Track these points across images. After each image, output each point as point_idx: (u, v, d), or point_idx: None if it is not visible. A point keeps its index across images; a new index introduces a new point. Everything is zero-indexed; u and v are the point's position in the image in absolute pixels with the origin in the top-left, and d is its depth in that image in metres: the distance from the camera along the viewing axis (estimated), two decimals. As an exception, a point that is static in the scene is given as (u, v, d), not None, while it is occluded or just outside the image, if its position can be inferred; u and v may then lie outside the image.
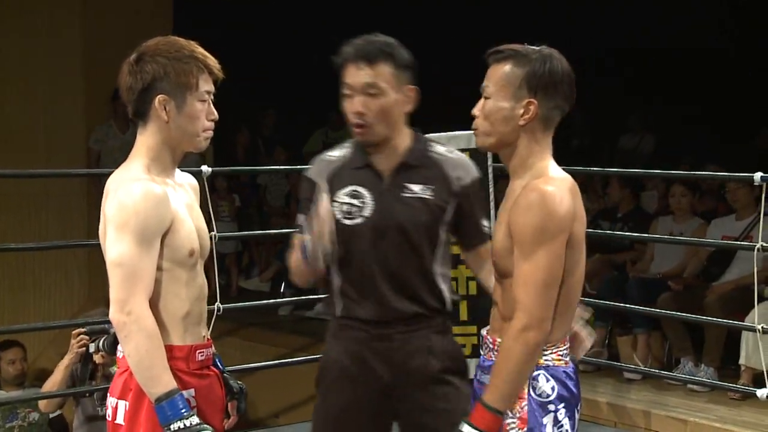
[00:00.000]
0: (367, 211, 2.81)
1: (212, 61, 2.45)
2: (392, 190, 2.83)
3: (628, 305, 5.37)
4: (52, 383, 4.80)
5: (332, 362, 2.91)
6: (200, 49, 2.45)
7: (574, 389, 2.40)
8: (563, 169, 2.44)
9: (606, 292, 5.76)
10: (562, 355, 2.40)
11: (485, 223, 2.92)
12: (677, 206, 6.04)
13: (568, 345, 2.43)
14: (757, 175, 4.16)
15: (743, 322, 4.73)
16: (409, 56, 2.82)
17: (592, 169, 6.34)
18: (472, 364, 4.41)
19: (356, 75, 2.75)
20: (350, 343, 2.87)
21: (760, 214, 5.48)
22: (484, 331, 2.53)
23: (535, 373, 2.36)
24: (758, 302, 4.19)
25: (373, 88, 2.74)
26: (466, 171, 2.88)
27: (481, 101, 2.43)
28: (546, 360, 2.37)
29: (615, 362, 5.56)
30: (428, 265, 2.86)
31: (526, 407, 2.35)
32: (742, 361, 4.97)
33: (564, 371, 2.39)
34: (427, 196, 2.83)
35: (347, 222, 2.82)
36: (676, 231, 5.95)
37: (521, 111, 2.36)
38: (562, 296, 2.35)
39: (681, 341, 5.44)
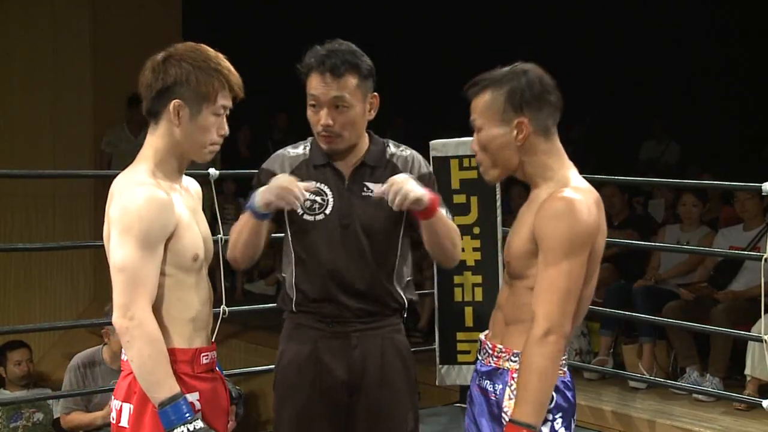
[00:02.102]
0: (329, 208, 2.84)
1: (235, 78, 2.46)
2: (352, 189, 2.87)
3: (634, 314, 5.36)
4: None
5: (288, 363, 2.92)
6: (226, 64, 2.45)
7: (572, 399, 2.40)
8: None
9: (612, 300, 5.74)
10: (561, 366, 2.39)
11: (441, 210, 2.85)
12: (687, 215, 6.03)
13: (566, 355, 2.43)
14: (766, 185, 4.15)
15: (749, 332, 4.72)
16: (371, 64, 2.84)
17: (595, 177, 6.34)
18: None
19: (323, 88, 2.77)
20: (306, 343, 2.89)
21: (767, 224, 5.48)
22: (482, 336, 2.53)
23: None
24: (765, 312, 4.16)
25: (341, 101, 2.78)
26: (417, 167, 2.92)
27: (475, 136, 2.44)
28: None
29: (620, 371, 5.54)
30: (387, 264, 2.88)
31: None
32: (747, 371, 4.95)
33: (563, 381, 2.39)
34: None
35: (308, 217, 2.86)
36: (683, 239, 5.94)
37: (515, 132, 2.36)
38: (576, 306, 2.34)
39: (687, 350, 5.43)
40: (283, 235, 2.94)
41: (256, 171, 2.97)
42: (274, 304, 2.98)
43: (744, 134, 9.91)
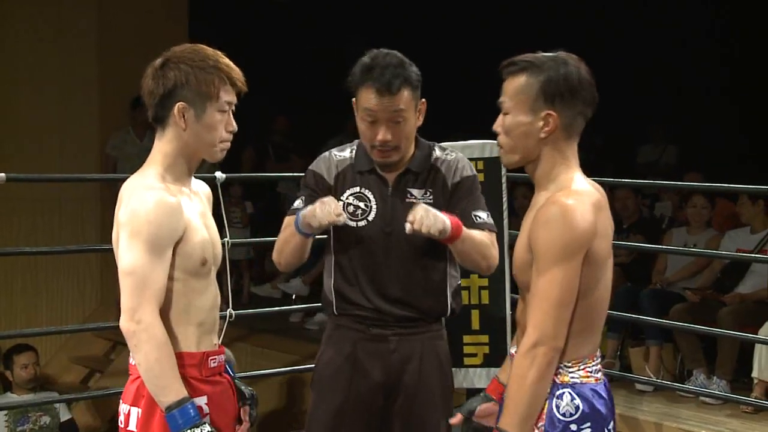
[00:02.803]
0: (372, 215, 2.85)
1: (236, 74, 2.45)
2: (396, 195, 2.89)
3: (640, 317, 5.35)
4: None
5: (327, 363, 2.96)
6: (225, 60, 2.45)
7: (602, 408, 2.31)
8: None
9: (619, 303, 5.73)
10: (590, 372, 2.33)
11: (479, 214, 2.91)
12: (696, 218, 6.01)
13: (598, 361, 2.37)
14: (774, 188, 4.15)
15: (756, 335, 4.71)
16: (418, 72, 2.86)
17: (604, 180, 6.33)
18: (483, 373, 4.42)
19: (381, 104, 2.78)
20: (345, 344, 2.93)
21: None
22: (512, 350, 2.47)
23: (560, 391, 2.28)
24: (772, 315, 4.17)
25: (398, 115, 2.80)
26: (460, 170, 2.95)
27: (500, 117, 2.36)
28: (572, 378, 2.30)
29: (627, 374, 5.53)
30: (430, 272, 2.88)
31: (542, 427, 2.27)
32: (754, 374, 4.94)
33: (592, 389, 2.31)
34: (427, 201, 2.87)
35: (351, 223, 2.86)
36: (690, 242, 5.93)
37: (541, 124, 2.29)
38: (584, 313, 2.28)
39: (693, 353, 5.42)
40: (325, 237, 2.95)
41: (261, 174, 2.98)
42: (281, 308, 3.00)
43: (745, 136, 9.90)
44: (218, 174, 4.40)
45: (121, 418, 2.43)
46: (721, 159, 8.88)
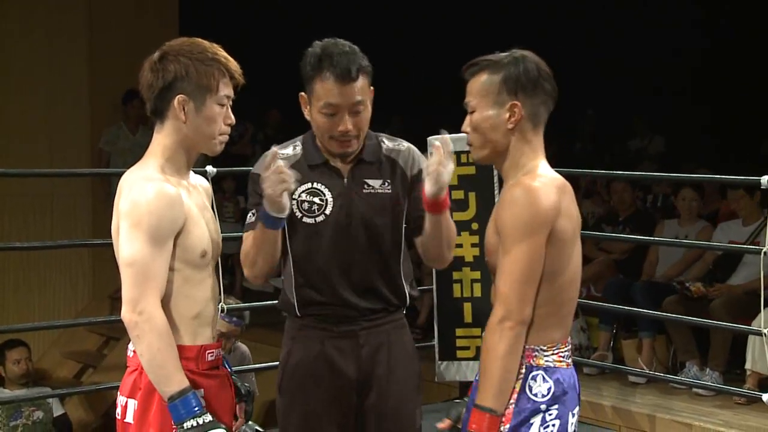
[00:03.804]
0: (329, 208, 2.80)
1: (234, 66, 2.45)
2: (352, 187, 2.83)
3: (633, 309, 5.36)
4: None
5: (296, 365, 2.88)
6: (223, 53, 2.45)
7: (570, 391, 2.39)
8: (562, 172, 2.46)
9: (611, 295, 5.74)
10: (563, 357, 2.40)
11: None
12: (686, 210, 6.02)
13: (569, 347, 2.43)
14: (764, 179, 4.14)
15: (749, 326, 4.72)
16: (367, 59, 2.79)
17: (595, 172, 6.36)
18: (476, 366, 4.41)
19: (343, 95, 2.71)
20: (313, 344, 2.86)
21: (766, 218, 5.48)
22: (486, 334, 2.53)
23: (534, 373, 2.36)
24: (764, 306, 4.16)
25: (360, 105, 2.75)
26: (417, 161, 2.90)
27: (468, 117, 2.46)
28: (546, 361, 2.37)
29: (620, 366, 5.54)
30: (390, 261, 2.86)
31: (512, 406, 2.34)
32: (747, 365, 4.95)
33: (563, 373, 2.39)
34: (386, 191, 2.84)
35: (308, 220, 2.82)
36: (681, 234, 5.94)
37: (507, 115, 2.39)
38: (552, 296, 2.35)
39: (686, 345, 5.43)
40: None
41: (252, 168, 2.92)
42: (273, 302, 2.96)
43: (738, 128, 9.92)
44: (209, 168, 4.37)
45: (118, 410, 2.43)
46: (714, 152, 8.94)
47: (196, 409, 2.30)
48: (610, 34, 10.30)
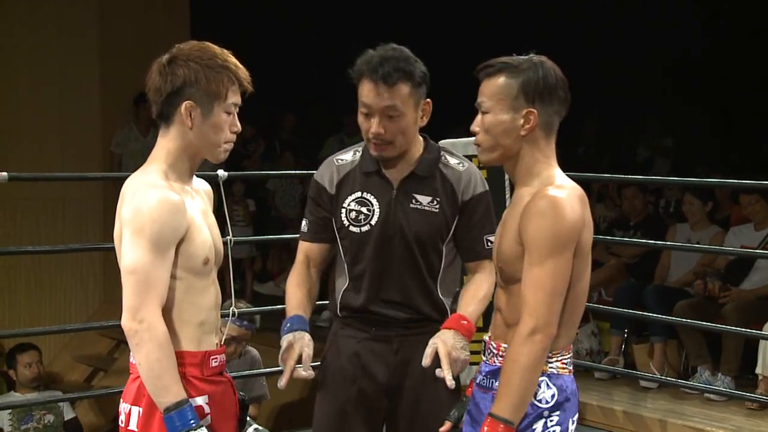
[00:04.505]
0: (375, 219, 2.82)
1: (243, 73, 2.43)
2: (400, 199, 2.85)
3: (644, 313, 5.34)
4: None
5: (330, 363, 2.95)
6: (233, 60, 2.42)
7: (572, 398, 2.40)
8: (570, 175, 2.46)
9: (622, 299, 5.72)
10: (566, 364, 2.41)
11: (490, 238, 2.86)
12: (692, 215, 6.00)
13: (571, 354, 2.44)
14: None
15: (761, 331, 4.70)
16: (424, 69, 2.81)
17: (604, 176, 6.33)
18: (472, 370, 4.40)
19: (375, 97, 2.74)
20: (349, 345, 2.91)
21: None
22: (486, 337, 2.54)
23: (540, 379, 2.36)
24: (776, 311, 4.16)
25: (393, 110, 2.75)
26: (474, 185, 2.89)
27: (479, 117, 2.43)
28: (551, 367, 2.38)
29: (631, 370, 5.52)
30: (429, 276, 2.88)
31: None
32: (759, 370, 4.93)
33: (566, 380, 2.40)
34: (434, 210, 2.85)
35: (354, 229, 2.85)
36: (693, 239, 5.92)
37: (521, 121, 2.37)
38: (567, 304, 2.35)
39: (698, 350, 5.40)
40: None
41: (264, 171, 2.96)
42: (283, 306, 2.97)
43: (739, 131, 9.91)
44: (220, 172, 4.37)
45: (122, 417, 2.41)
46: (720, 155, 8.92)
47: (192, 422, 2.29)
48: (610, 34, 10.28)
